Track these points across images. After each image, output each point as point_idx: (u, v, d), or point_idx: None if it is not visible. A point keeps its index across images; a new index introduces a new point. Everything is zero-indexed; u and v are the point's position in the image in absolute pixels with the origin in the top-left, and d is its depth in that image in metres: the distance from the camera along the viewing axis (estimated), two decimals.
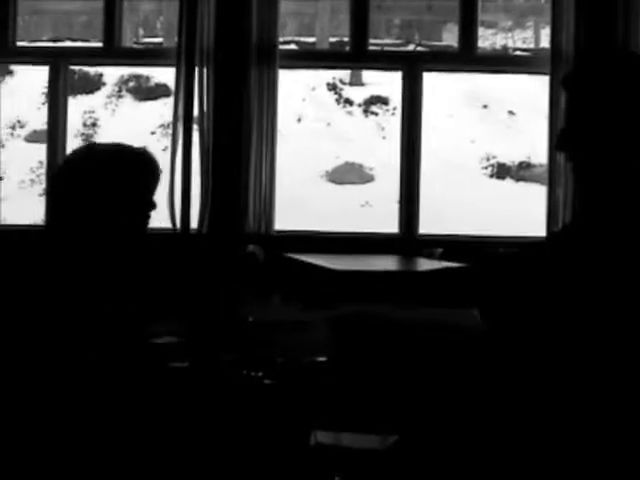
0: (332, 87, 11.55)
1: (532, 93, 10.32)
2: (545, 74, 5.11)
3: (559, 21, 5.05)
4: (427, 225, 5.48)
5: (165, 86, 10.84)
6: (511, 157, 10.76)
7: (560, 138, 1.60)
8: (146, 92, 11.35)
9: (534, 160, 10.47)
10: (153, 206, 2.01)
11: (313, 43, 10.99)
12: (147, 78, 11.38)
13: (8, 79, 11.42)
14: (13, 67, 11.24)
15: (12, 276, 1.79)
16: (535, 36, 12.73)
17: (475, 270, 1.84)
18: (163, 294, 2.33)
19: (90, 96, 11.27)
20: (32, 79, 10.51)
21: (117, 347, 1.75)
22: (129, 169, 1.95)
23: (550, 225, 5.08)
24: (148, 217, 2.01)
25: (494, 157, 10.85)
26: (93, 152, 2.01)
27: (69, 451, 1.62)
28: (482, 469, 1.35)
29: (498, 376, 1.40)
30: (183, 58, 5.10)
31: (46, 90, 6.08)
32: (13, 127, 11.05)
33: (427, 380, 1.55)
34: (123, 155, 1.97)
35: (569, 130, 1.58)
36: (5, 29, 5.41)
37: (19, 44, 5.57)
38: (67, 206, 1.91)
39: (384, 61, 5.93)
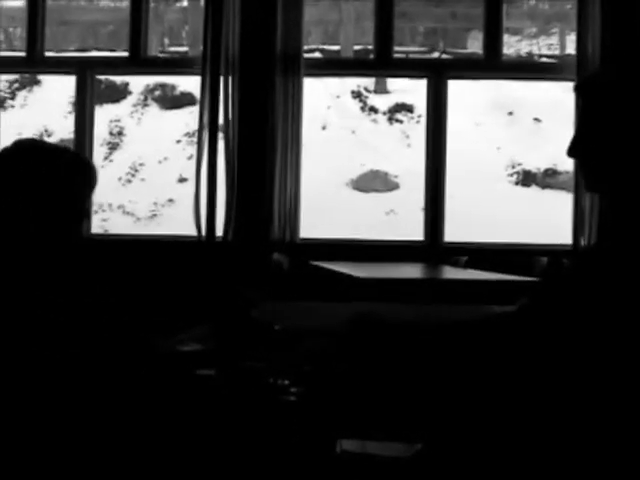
0: (357, 95, 11.56)
1: (558, 100, 10.27)
2: (571, 80, 5.08)
3: (585, 27, 5.03)
4: (452, 233, 5.47)
5: (190, 95, 10.91)
6: (537, 164, 10.70)
7: (572, 144, 1.60)
8: (172, 101, 11.43)
9: (560, 167, 10.40)
10: (84, 214, 1.95)
11: (338, 51, 11.00)
12: (172, 87, 11.45)
13: (36, 88, 11.56)
14: (41, 77, 11.37)
15: None
16: (560, 42, 12.65)
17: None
18: (188, 301, 2.33)
19: (116, 105, 11.36)
20: (59, 88, 10.61)
21: (98, 341, 1.75)
22: (59, 170, 1.89)
23: (576, 233, 5.05)
24: (76, 225, 1.94)
25: (520, 164, 10.79)
26: (22, 149, 1.94)
27: (53, 447, 1.62)
28: (506, 476, 1.34)
29: (524, 381, 1.39)
30: (208, 67, 5.14)
31: (73, 99, 6.13)
32: (40, 136, 11.16)
33: (449, 385, 1.54)
34: (55, 155, 1.91)
35: (580, 136, 1.57)
36: (33, 40, 5.49)
37: (47, 54, 5.64)
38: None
39: (409, 68, 5.94)
